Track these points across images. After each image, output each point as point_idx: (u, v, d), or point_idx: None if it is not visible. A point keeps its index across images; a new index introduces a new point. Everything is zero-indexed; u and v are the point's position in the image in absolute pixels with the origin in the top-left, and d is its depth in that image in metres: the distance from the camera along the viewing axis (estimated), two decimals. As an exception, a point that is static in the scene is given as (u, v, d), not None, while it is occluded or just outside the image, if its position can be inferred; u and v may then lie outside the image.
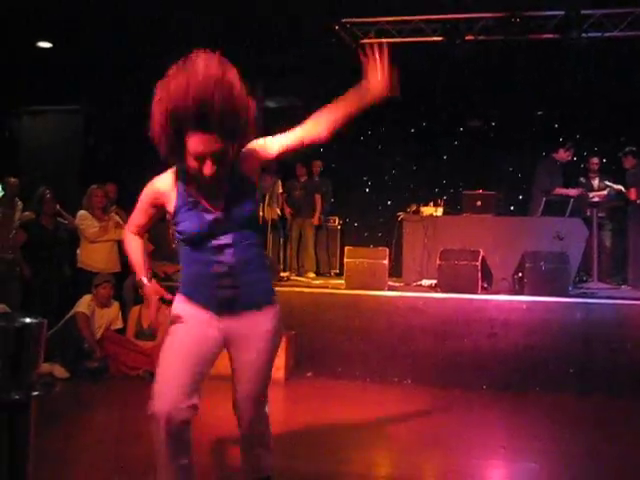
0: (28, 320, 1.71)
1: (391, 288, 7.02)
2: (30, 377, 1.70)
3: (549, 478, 3.96)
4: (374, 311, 6.49)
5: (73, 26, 7.98)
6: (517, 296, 6.51)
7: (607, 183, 8.38)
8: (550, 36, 8.29)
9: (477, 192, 8.31)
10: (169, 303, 2.63)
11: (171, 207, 2.54)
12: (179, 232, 2.54)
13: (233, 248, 2.51)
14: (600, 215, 8.23)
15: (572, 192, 8.33)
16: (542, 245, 7.30)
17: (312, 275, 9.34)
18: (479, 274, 6.61)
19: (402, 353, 6.34)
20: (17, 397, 1.65)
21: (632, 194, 8.30)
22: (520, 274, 6.68)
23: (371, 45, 2.59)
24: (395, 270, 8.16)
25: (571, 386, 6.04)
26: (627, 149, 8.58)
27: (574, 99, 9.68)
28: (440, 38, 8.57)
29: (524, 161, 10.32)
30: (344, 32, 8.67)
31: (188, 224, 2.49)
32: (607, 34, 8.19)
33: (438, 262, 6.73)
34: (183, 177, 2.52)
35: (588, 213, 8.22)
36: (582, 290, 7.24)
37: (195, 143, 2.32)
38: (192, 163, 2.38)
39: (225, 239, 2.50)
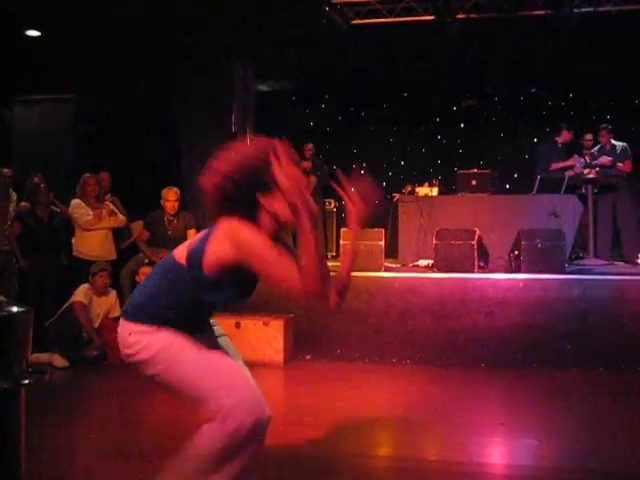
0: (15, 309, 1.71)
1: (388, 269, 7.03)
2: (19, 366, 1.70)
3: (549, 454, 3.96)
4: (371, 292, 6.50)
5: (62, 14, 7.91)
6: (514, 274, 6.53)
7: (594, 162, 8.39)
8: (541, 12, 8.23)
9: (472, 171, 8.31)
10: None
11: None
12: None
13: None
14: (595, 191, 8.24)
15: (569, 162, 8.37)
16: (538, 223, 7.32)
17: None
18: (475, 253, 6.62)
19: (400, 333, 6.36)
20: (5, 386, 1.65)
21: (627, 166, 8.34)
22: (516, 252, 6.69)
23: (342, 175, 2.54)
24: (391, 251, 8.17)
25: (569, 362, 6.06)
26: (602, 125, 8.63)
27: (567, 76, 9.67)
28: (431, 17, 8.51)
29: (519, 139, 10.34)
30: (335, 13, 8.61)
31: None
32: (600, 9, 8.14)
33: (434, 242, 6.74)
34: None
35: (583, 190, 8.24)
36: (578, 267, 7.26)
37: (284, 209, 2.37)
38: (268, 223, 2.45)
39: None
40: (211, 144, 9.06)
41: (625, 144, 8.61)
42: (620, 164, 8.38)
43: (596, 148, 8.73)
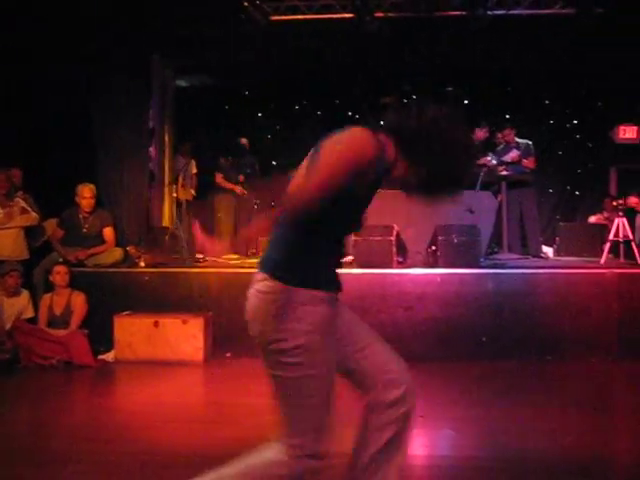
0: None
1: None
2: None
3: (466, 443, 4.08)
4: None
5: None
6: (431, 269, 6.65)
7: (502, 159, 8.64)
8: (457, 13, 8.42)
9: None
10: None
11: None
12: None
13: None
14: (508, 188, 8.49)
15: (479, 162, 8.61)
16: (454, 219, 7.47)
17: (231, 255, 9.25)
18: (394, 249, 6.71)
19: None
20: None
21: (531, 163, 8.64)
22: (434, 247, 6.83)
23: None
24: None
25: (485, 354, 6.23)
26: (507, 124, 8.93)
27: (481, 75, 9.92)
28: (350, 15, 8.57)
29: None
30: (254, 9, 8.56)
31: None
32: (511, 12, 8.39)
33: (353, 238, 6.79)
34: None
35: (497, 186, 8.48)
36: (493, 261, 7.47)
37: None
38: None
39: None
40: (127, 140, 8.88)
41: (529, 141, 8.91)
42: (525, 160, 8.67)
43: (501, 146, 8.99)
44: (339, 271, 2.39)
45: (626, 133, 9.90)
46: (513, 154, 8.64)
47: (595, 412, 4.69)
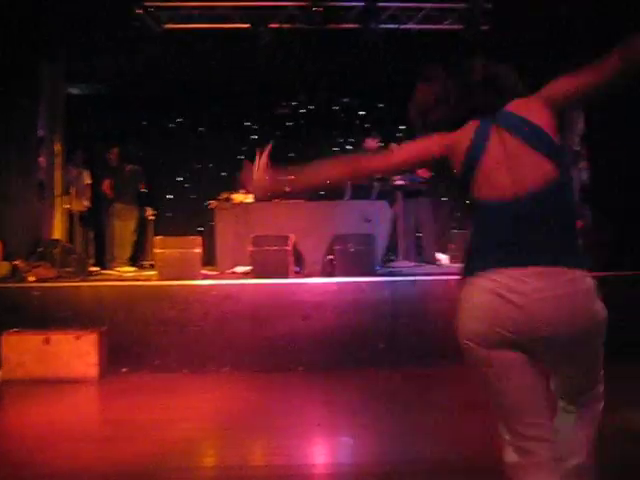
0: None
1: (205, 277, 6.98)
2: None
3: (363, 450, 4.13)
4: (188, 301, 6.40)
5: None
6: (328, 278, 6.72)
7: None
8: (350, 26, 8.57)
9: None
10: None
11: None
12: None
13: None
14: (404, 197, 8.68)
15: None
16: (351, 228, 7.60)
17: (126, 268, 9.05)
18: (290, 259, 6.75)
19: (219, 341, 6.32)
20: None
21: (425, 172, 8.88)
22: (330, 257, 6.90)
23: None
24: (210, 259, 8.12)
25: (383, 361, 6.33)
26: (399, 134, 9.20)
27: (376, 87, 10.13)
28: (246, 25, 8.58)
29: (332, 146, 10.67)
30: (148, 16, 8.42)
31: None
32: (403, 26, 8.63)
33: (250, 248, 6.78)
34: None
35: (393, 196, 8.66)
36: (389, 269, 7.62)
37: None
38: None
39: None
40: (14, 149, 8.52)
41: None
42: (419, 170, 8.89)
43: None
44: None
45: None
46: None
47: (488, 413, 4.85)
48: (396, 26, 8.53)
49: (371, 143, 9.00)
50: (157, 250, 6.89)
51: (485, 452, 3.97)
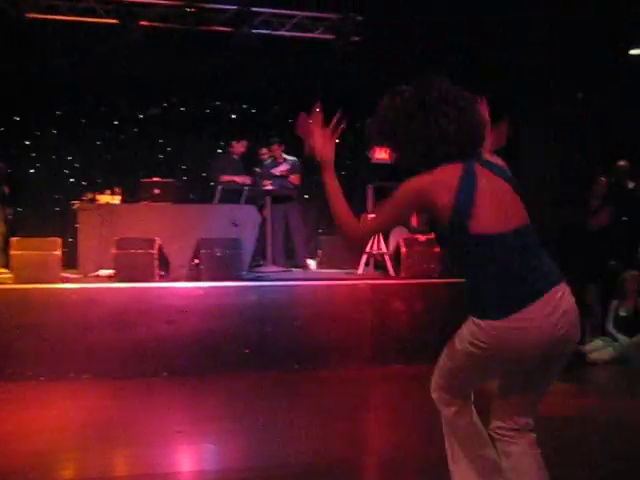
0: None
1: (65, 280, 6.69)
2: None
3: (224, 456, 4.11)
4: (46, 305, 6.11)
5: None
6: (194, 282, 6.62)
7: (272, 172, 8.93)
8: (223, 29, 8.52)
9: (155, 180, 8.28)
10: None
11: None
12: None
13: None
14: (273, 202, 8.71)
15: (238, 179, 8.81)
16: (219, 232, 7.53)
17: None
18: (156, 262, 6.59)
19: (79, 347, 6.07)
20: None
21: (296, 179, 9.01)
22: (197, 261, 6.81)
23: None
24: (72, 261, 7.80)
25: (249, 365, 6.32)
26: (275, 139, 9.25)
27: (250, 92, 10.12)
28: (114, 21, 8.32)
29: (204, 149, 10.55)
30: (8, 5, 7.99)
31: None
32: (275, 32, 8.67)
33: (114, 251, 6.57)
34: None
35: (262, 201, 8.68)
36: (256, 274, 7.62)
37: None
38: None
39: None
40: None
41: (296, 159, 9.28)
42: (292, 176, 9.01)
43: (269, 161, 9.27)
44: None
45: (380, 153, 10.66)
46: (283, 167, 8.94)
47: (353, 414, 4.96)
48: (269, 32, 8.57)
49: (238, 147, 9.03)
50: (13, 252, 6.54)
51: (349, 456, 4.09)
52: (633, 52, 8.46)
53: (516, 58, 7.39)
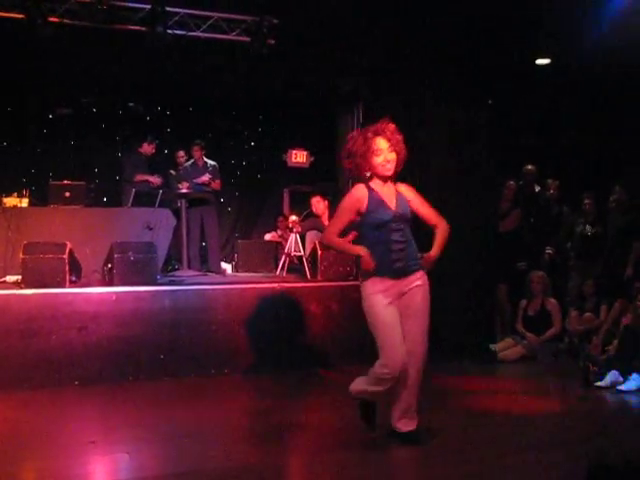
0: None
1: (-32, 286, 6.39)
2: None
3: (139, 464, 4.01)
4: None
5: None
6: (107, 287, 6.45)
7: (195, 181, 8.86)
8: (137, 28, 8.33)
9: (65, 182, 8.05)
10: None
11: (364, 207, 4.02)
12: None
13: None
14: (188, 206, 8.61)
15: (152, 179, 8.71)
16: (133, 235, 7.38)
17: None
18: (67, 267, 6.37)
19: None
20: None
21: (217, 185, 8.97)
22: (109, 265, 6.64)
23: None
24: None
25: (163, 371, 6.24)
26: (196, 142, 9.18)
27: (164, 93, 9.96)
28: (21, 15, 7.99)
29: (116, 151, 10.32)
30: None
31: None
32: (191, 33, 8.54)
33: (21, 256, 6.32)
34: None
35: (178, 204, 8.56)
36: (171, 278, 7.51)
37: None
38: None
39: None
40: None
41: (215, 163, 9.21)
42: (214, 183, 8.97)
43: (189, 163, 9.17)
44: None
45: (297, 157, 10.74)
46: (205, 177, 8.90)
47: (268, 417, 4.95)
48: (184, 32, 8.43)
49: (146, 148, 8.96)
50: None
51: (262, 457, 4.08)
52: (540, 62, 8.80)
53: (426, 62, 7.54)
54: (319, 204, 8.66)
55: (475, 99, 7.64)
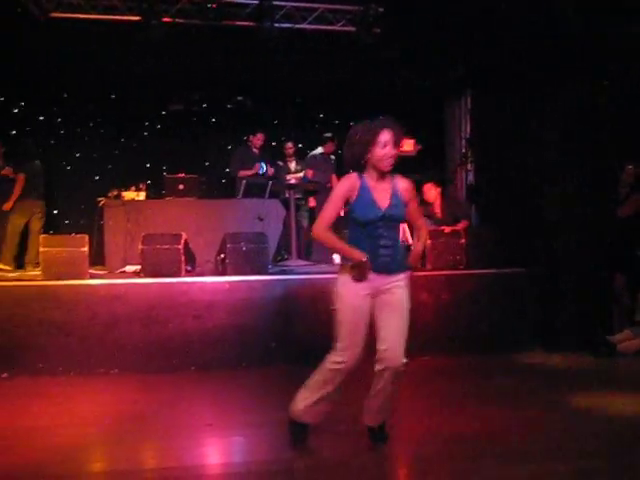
0: None
1: (93, 276, 6.75)
2: None
3: (252, 447, 4.12)
4: (75, 301, 6.16)
5: None
6: (220, 277, 6.64)
7: (303, 177, 8.97)
8: (245, 23, 8.51)
9: (179, 175, 8.33)
10: None
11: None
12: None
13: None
14: (297, 196, 8.72)
15: (251, 171, 8.86)
16: (244, 226, 7.55)
17: (8, 267, 8.60)
18: (182, 257, 6.62)
19: (107, 343, 6.13)
20: None
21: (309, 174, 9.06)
22: (222, 255, 6.83)
23: None
24: (99, 258, 7.87)
25: (275, 359, 6.35)
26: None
27: (270, 86, 10.11)
28: (137, 18, 8.35)
29: (226, 144, 10.58)
30: (32, 3, 8.05)
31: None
32: (297, 25, 8.65)
33: (140, 247, 6.61)
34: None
35: (286, 195, 8.68)
36: (282, 268, 7.62)
37: None
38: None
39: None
40: None
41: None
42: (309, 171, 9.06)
43: (318, 152, 9.27)
44: None
45: (404, 146, 10.64)
46: (308, 173, 9.01)
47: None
48: (290, 25, 8.55)
49: (254, 140, 9.13)
50: (42, 249, 6.61)
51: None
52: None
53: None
54: (431, 191, 8.53)
55: (591, 82, 7.32)
